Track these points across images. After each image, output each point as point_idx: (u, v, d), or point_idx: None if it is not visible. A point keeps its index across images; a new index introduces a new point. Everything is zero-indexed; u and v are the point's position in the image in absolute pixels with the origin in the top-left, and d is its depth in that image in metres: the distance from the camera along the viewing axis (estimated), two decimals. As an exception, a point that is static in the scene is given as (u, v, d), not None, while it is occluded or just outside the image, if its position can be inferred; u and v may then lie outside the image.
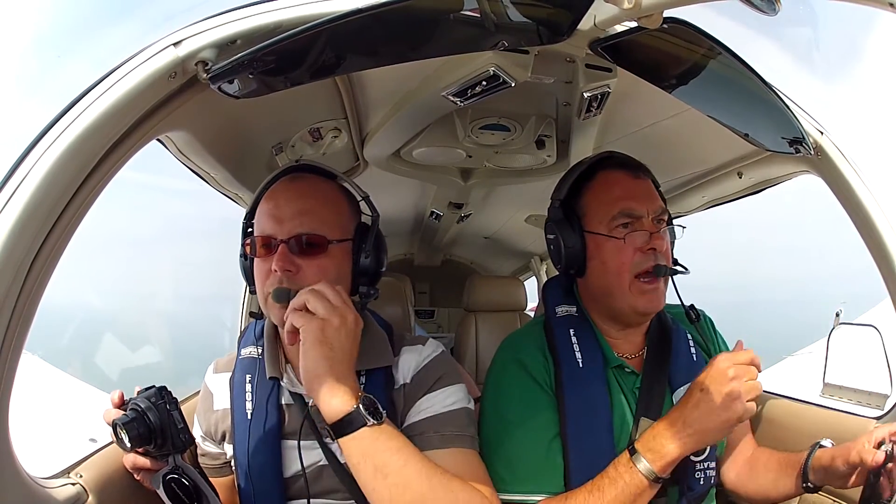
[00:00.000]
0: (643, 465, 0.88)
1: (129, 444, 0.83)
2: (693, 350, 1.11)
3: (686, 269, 1.05)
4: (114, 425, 0.84)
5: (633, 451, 0.90)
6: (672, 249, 1.08)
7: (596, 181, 1.06)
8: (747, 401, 0.84)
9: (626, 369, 1.06)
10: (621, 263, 1.00)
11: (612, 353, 1.06)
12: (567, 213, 1.06)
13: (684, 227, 1.08)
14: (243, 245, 1.00)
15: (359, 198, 1.02)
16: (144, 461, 0.90)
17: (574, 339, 1.05)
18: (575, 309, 1.10)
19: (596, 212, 1.03)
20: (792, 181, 1.29)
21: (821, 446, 1.01)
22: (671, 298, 1.07)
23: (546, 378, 1.03)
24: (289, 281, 0.90)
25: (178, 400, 0.90)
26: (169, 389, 0.89)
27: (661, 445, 0.88)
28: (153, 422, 0.85)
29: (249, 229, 1.00)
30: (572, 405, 1.00)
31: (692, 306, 1.11)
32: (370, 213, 1.01)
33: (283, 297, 0.88)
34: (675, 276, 1.04)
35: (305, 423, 0.95)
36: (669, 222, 1.07)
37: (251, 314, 1.29)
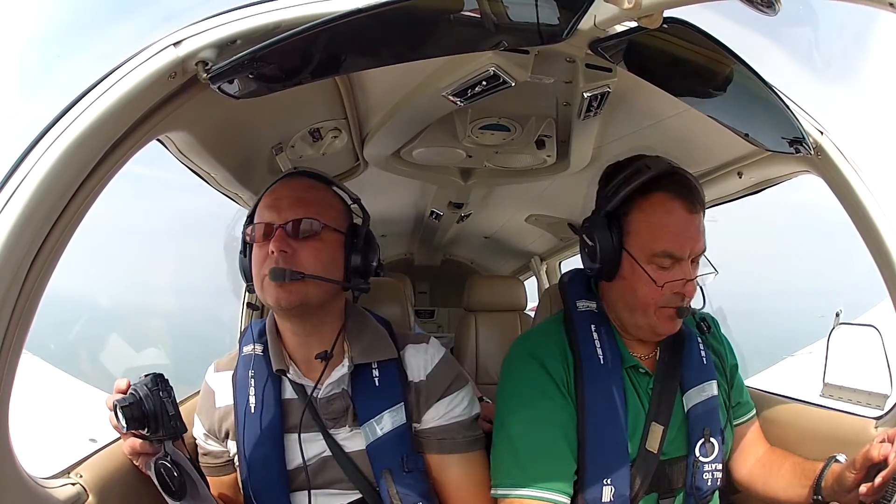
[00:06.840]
0: None
1: (124, 426, 0.86)
2: (703, 353, 1.11)
3: (707, 318, 1.12)
4: (114, 406, 0.87)
5: None
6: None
7: (650, 202, 1.00)
8: None
9: (641, 370, 1.06)
10: (649, 298, 1.00)
11: (629, 353, 1.06)
12: (611, 221, 1.03)
13: (717, 273, 1.04)
14: (243, 237, 1.04)
15: (350, 201, 1.07)
16: (142, 445, 0.92)
17: (595, 335, 1.05)
18: (595, 305, 1.10)
19: (640, 237, 1.00)
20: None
21: (836, 461, 1.00)
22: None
23: (563, 376, 1.02)
24: (284, 261, 0.93)
25: (173, 388, 0.91)
26: (165, 377, 0.91)
27: None
28: (148, 407, 0.87)
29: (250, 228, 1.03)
30: (593, 402, 1.00)
31: (703, 318, 1.13)
32: (361, 216, 1.07)
33: (279, 276, 0.92)
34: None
35: (307, 415, 0.98)
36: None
37: (248, 305, 1.31)
